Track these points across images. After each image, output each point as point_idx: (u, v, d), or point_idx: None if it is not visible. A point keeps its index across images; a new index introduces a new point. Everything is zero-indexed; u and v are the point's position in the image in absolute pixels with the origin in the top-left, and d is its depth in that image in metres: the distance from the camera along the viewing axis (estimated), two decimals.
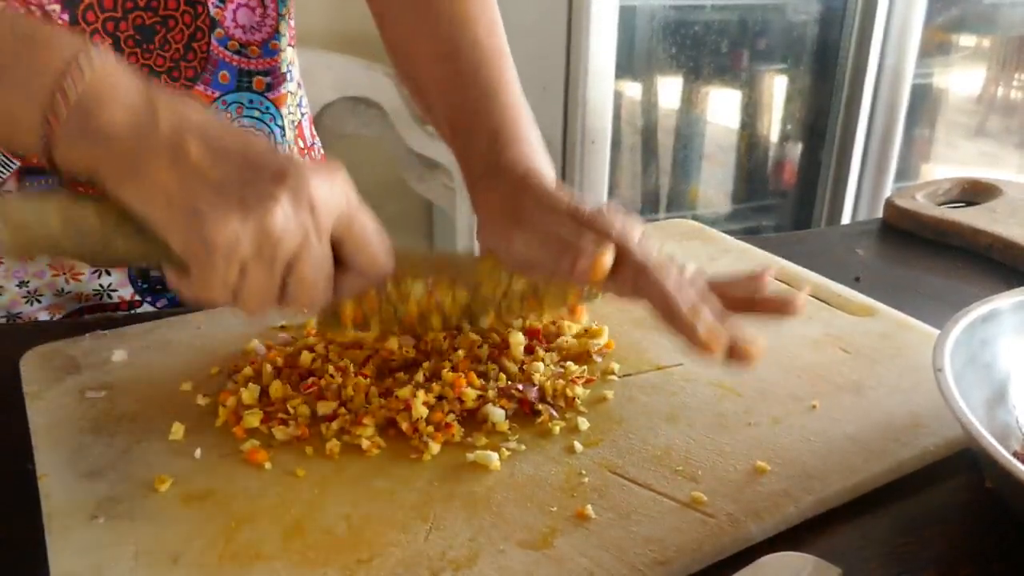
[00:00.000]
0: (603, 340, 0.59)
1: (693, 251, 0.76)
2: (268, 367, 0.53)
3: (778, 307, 0.50)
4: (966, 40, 2.30)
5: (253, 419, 0.49)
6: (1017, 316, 0.52)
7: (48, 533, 0.41)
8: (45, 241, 0.42)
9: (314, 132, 0.77)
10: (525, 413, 0.51)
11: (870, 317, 0.64)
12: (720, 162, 2.15)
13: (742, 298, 0.50)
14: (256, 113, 0.66)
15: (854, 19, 2.03)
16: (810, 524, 0.45)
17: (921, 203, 0.89)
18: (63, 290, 0.64)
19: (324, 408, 0.50)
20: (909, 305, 0.66)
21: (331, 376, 0.52)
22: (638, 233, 0.49)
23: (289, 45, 0.69)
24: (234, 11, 0.62)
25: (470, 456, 0.47)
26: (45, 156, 0.42)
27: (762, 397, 0.54)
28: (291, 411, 0.50)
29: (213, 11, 0.61)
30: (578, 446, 0.48)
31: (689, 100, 2.04)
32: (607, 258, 0.46)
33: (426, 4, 0.60)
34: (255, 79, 0.65)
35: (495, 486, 0.45)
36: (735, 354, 0.46)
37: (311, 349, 0.56)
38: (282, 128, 0.69)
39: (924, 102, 2.24)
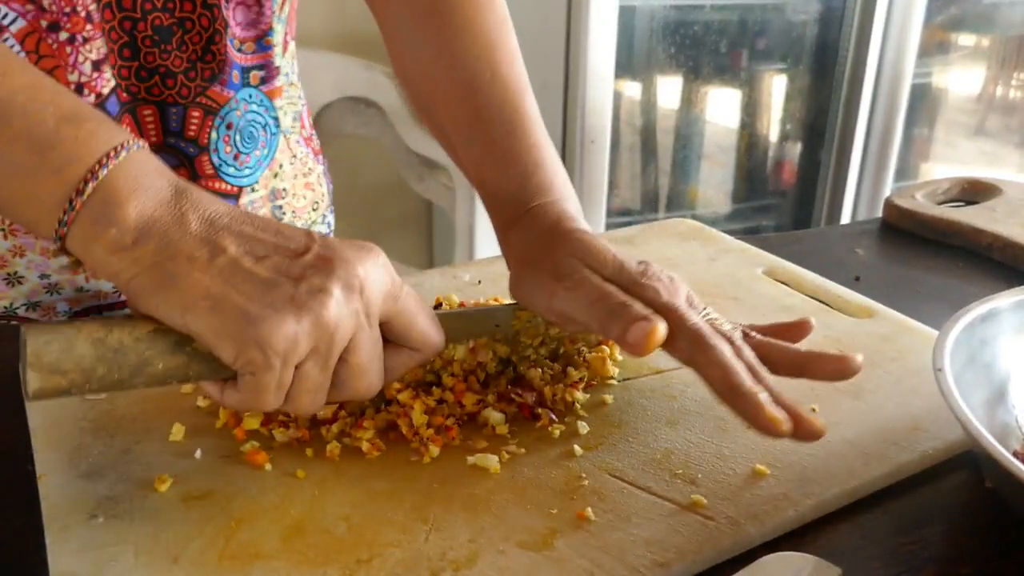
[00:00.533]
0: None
1: (692, 251, 0.76)
2: None
3: (832, 371, 0.47)
4: (965, 39, 2.30)
5: (253, 421, 0.49)
6: (1017, 315, 0.52)
7: (47, 533, 0.41)
8: (78, 376, 0.38)
9: (311, 123, 0.78)
10: (525, 417, 0.51)
11: (869, 319, 0.64)
12: (719, 162, 2.15)
13: (791, 361, 0.48)
14: (254, 107, 0.66)
15: (853, 19, 2.03)
16: (810, 524, 0.45)
17: (921, 202, 0.89)
18: (82, 288, 0.64)
19: (324, 411, 0.50)
20: (909, 304, 0.67)
21: None
22: (684, 295, 0.48)
23: (289, 39, 0.70)
24: (233, 9, 0.62)
25: (470, 459, 0.47)
26: (59, 244, 0.40)
27: None
28: (291, 413, 0.50)
29: (225, 13, 0.61)
30: (578, 449, 0.48)
31: (688, 100, 2.04)
32: (661, 329, 0.44)
33: (440, 36, 0.59)
34: (251, 74, 0.65)
35: (495, 488, 0.45)
36: (801, 431, 0.44)
37: None
38: (276, 119, 0.69)
39: (923, 101, 2.24)
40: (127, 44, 0.58)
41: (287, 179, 0.72)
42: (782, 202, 2.25)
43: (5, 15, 0.54)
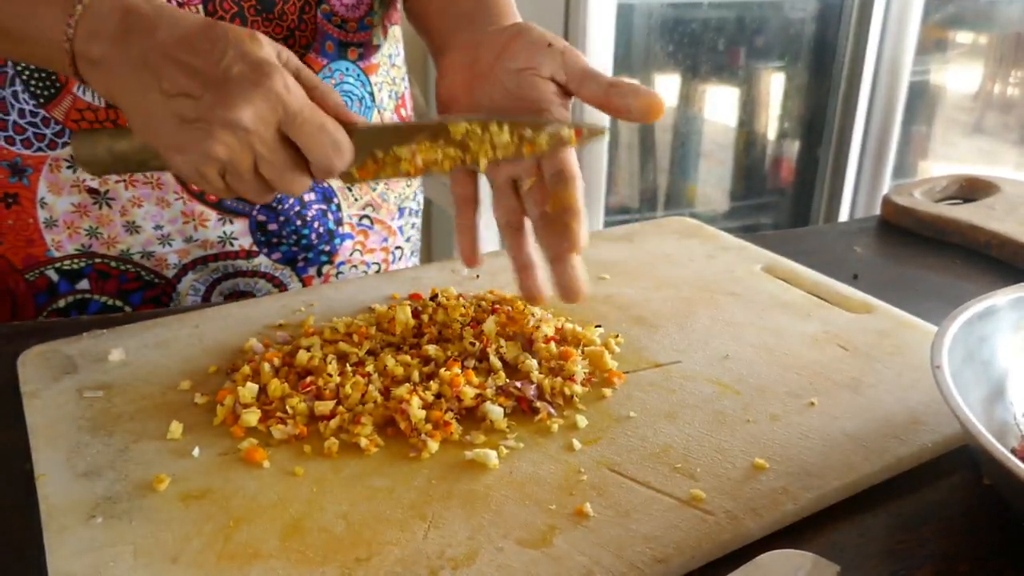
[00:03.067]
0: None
1: (691, 249, 0.76)
2: (266, 366, 0.53)
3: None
4: (963, 37, 2.30)
5: (251, 418, 0.49)
6: (1015, 313, 0.52)
7: (46, 533, 0.41)
8: (106, 152, 0.52)
9: (411, 107, 0.85)
10: (523, 411, 0.51)
11: (868, 314, 0.64)
12: (718, 160, 2.15)
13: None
14: (351, 79, 0.74)
15: (851, 16, 2.03)
16: (809, 521, 0.45)
17: (919, 200, 0.89)
18: (191, 237, 0.71)
19: (322, 407, 0.50)
20: (907, 302, 0.67)
21: (329, 375, 0.52)
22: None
23: (389, 24, 0.77)
24: None
25: (468, 454, 0.47)
26: (72, 71, 0.50)
27: (761, 394, 0.54)
28: (289, 410, 0.50)
29: None
30: (577, 444, 0.48)
31: (687, 98, 2.04)
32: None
33: None
34: (350, 49, 0.73)
35: (494, 484, 0.45)
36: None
37: (309, 348, 0.56)
38: (371, 94, 0.76)
39: (921, 99, 2.24)
40: (237, 14, 0.66)
41: None
42: (780, 200, 2.25)
43: None
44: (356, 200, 0.78)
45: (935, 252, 0.83)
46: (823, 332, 0.62)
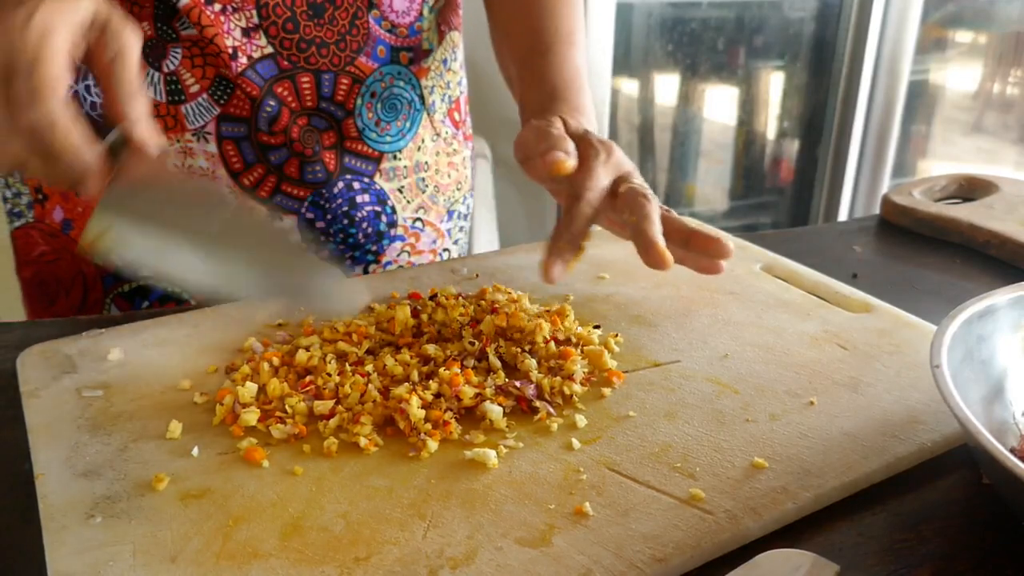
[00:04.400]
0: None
1: None
2: (266, 365, 0.53)
3: (709, 249, 0.58)
4: (962, 36, 2.30)
5: (251, 417, 0.49)
6: (1014, 312, 0.52)
7: (45, 533, 0.41)
8: None
9: (468, 111, 0.87)
10: (523, 410, 0.51)
11: (868, 313, 0.64)
12: (717, 159, 2.16)
13: (679, 231, 0.59)
14: (401, 82, 0.76)
15: (850, 15, 2.03)
16: (808, 521, 0.45)
17: (918, 199, 0.89)
18: None
19: (321, 407, 0.50)
20: (906, 301, 0.67)
21: (328, 375, 0.52)
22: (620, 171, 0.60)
23: (446, 29, 0.80)
24: None
25: (468, 454, 0.47)
26: None
27: (760, 394, 0.54)
28: (289, 409, 0.50)
29: None
30: (576, 443, 0.48)
31: (686, 97, 2.04)
32: (567, 165, 0.57)
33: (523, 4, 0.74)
34: (401, 54, 0.75)
35: (493, 483, 0.45)
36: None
37: (309, 348, 0.56)
38: (420, 97, 0.79)
39: (921, 98, 2.25)
40: (289, 19, 0.69)
41: (429, 154, 0.81)
42: (779, 199, 2.25)
43: None
44: (409, 203, 0.80)
45: (934, 251, 0.83)
46: (822, 331, 0.62)
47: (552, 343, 0.57)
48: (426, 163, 0.81)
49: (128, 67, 0.47)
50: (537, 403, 0.51)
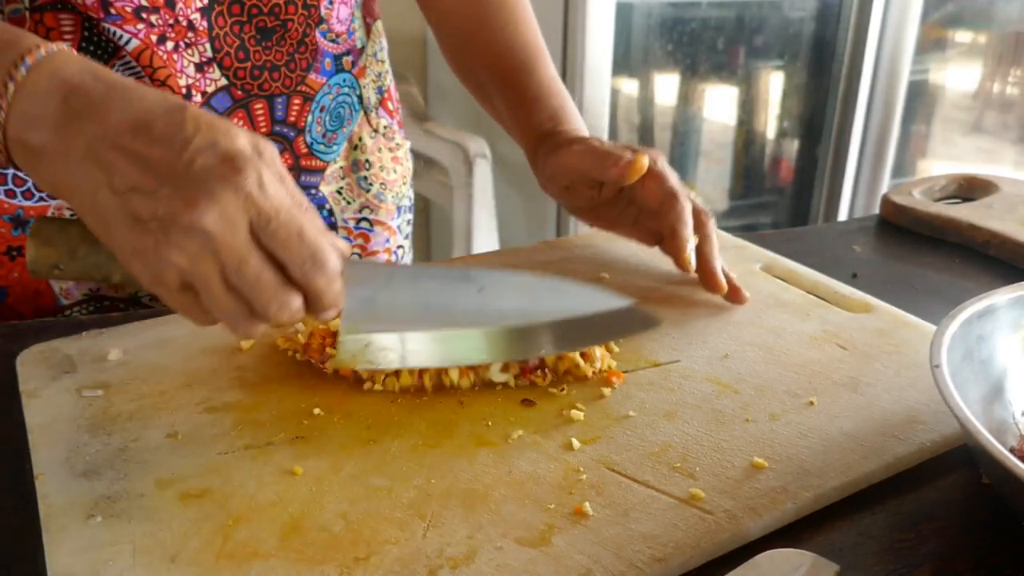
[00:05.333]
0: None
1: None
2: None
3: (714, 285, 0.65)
4: (962, 36, 2.30)
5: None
6: (1014, 312, 0.52)
7: (45, 533, 0.41)
8: (65, 256, 0.45)
9: (398, 98, 0.86)
10: (524, 377, 0.53)
11: (867, 313, 0.64)
12: (717, 159, 2.15)
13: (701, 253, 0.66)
14: (345, 88, 0.75)
15: (850, 15, 2.03)
16: (807, 521, 0.45)
17: (918, 199, 0.89)
18: None
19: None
20: (906, 301, 0.67)
21: None
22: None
23: (370, 20, 0.78)
24: (338, 9, 0.71)
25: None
26: (5, 159, 0.43)
27: (759, 394, 0.54)
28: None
29: (324, 12, 0.70)
30: (576, 443, 0.48)
31: (686, 97, 2.04)
32: (644, 160, 0.62)
33: (480, 19, 0.77)
34: (343, 60, 0.74)
35: (493, 483, 0.45)
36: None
37: None
38: (360, 97, 0.78)
39: (920, 98, 2.24)
40: (240, 47, 0.66)
41: (370, 152, 0.80)
42: (779, 199, 2.25)
43: (121, 37, 0.61)
44: (349, 203, 0.78)
45: (934, 251, 0.83)
46: (822, 331, 0.62)
47: None
48: (367, 161, 0.79)
49: (292, 184, 0.43)
50: (537, 373, 0.53)
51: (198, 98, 0.66)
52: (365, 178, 0.79)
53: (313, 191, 0.76)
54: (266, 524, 0.42)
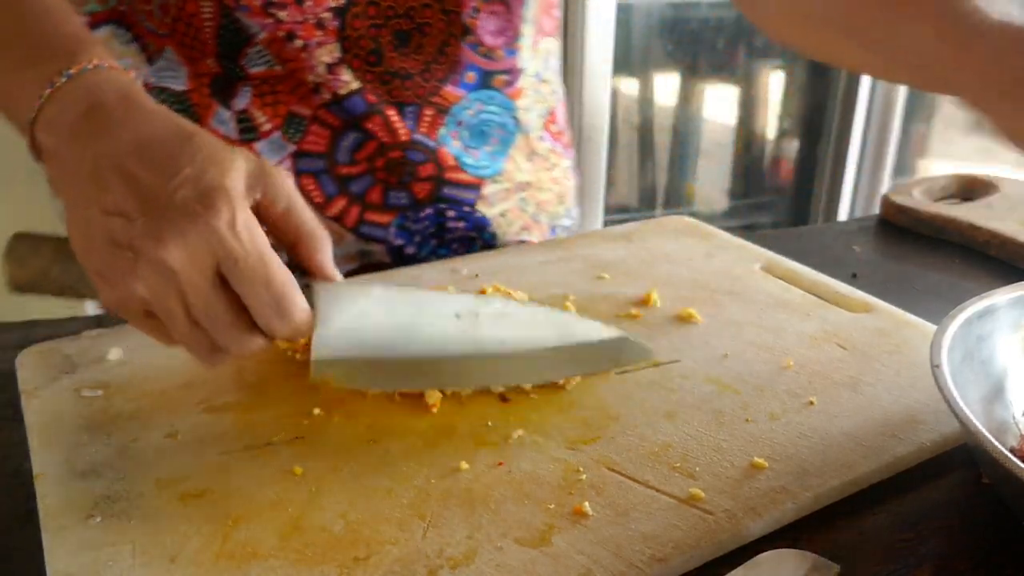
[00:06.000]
0: None
1: (690, 248, 0.76)
2: None
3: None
4: None
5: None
6: (1014, 312, 0.52)
7: (45, 533, 0.41)
8: (40, 274, 0.46)
9: (565, 118, 0.83)
10: None
11: (867, 313, 0.64)
12: (717, 159, 2.16)
13: None
14: (494, 108, 0.73)
15: None
16: (808, 521, 0.45)
17: (918, 199, 0.89)
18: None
19: None
20: (906, 301, 0.67)
21: None
22: None
23: (540, 36, 0.75)
24: (485, 19, 0.68)
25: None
26: (36, 157, 0.45)
27: (759, 393, 0.54)
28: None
29: (467, 20, 0.67)
30: (576, 443, 0.48)
31: (686, 97, 2.04)
32: None
33: None
34: (496, 78, 0.72)
35: (493, 483, 0.45)
36: None
37: None
38: (515, 119, 0.75)
39: (921, 97, 2.24)
40: (373, 50, 0.65)
41: (527, 173, 0.78)
42: (779, 199, 2.25)
43: (251, 27, 0.63)
44: (511, 225, 0.78)
45: (934, 251, 0.83)
46: (822, 331, 0.62)
47: None
48: (528, 183, 0.78)
49: (304, 212, 0.44)
50: None
51: (328, 96, 0.66)
52: (523, 198, 0.78)
53: (467, 208, 0.74)
54: (266, 524, 0.42)
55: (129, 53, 0.64)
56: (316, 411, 0.51)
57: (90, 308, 1.21)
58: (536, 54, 0.75)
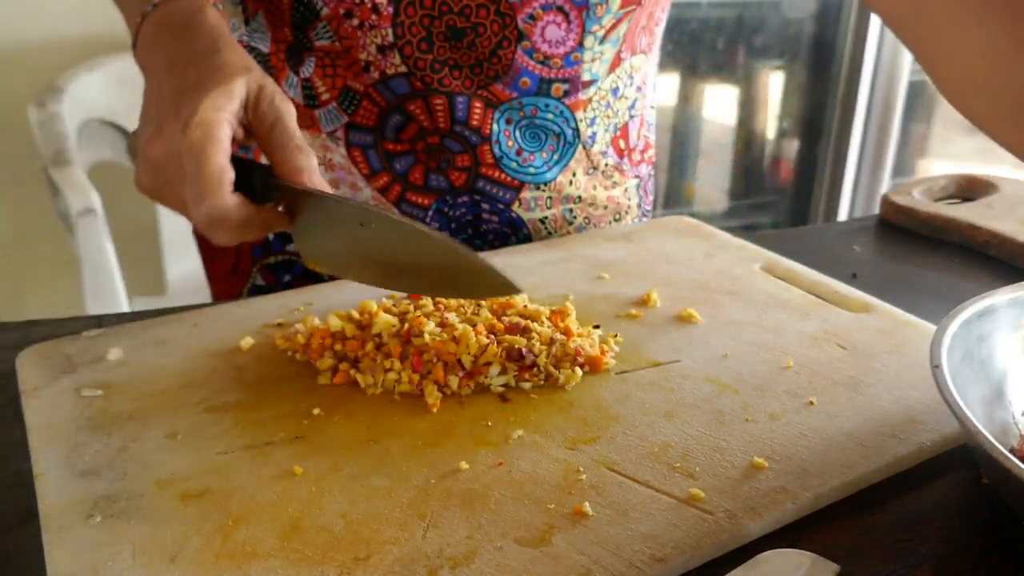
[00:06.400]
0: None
1: (690, 248, 0.76)
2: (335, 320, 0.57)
3: None
4: None
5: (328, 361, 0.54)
6: (1014, 312, 0.52)
7: (45, 533, 0.41)
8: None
9: (645, 134, 0.85)
10: (515, 361, 0.54)
11: (867, 313, 0.64)
12: (717, 159, 2.16)
13: None
14: (550, 115, 0.74)
15: (850, 15, 2.03)
16: (808, 520, 0.45)
17: (918, 199, 0.89)
18: None
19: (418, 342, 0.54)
20: (906, 301, 0.67)
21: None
22: None
23: (636, 53, 0.77)
24: (543, 27, 0.69)
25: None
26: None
27: (759, 393, 0.54)
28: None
29: (522, 25, 0.68)
30: (576, 443, 0.48)
31: (686, 97, 2.04)
32: None
33: None
34: (554, 86, 0.72)
35: (493, 483, 0.45)
36: None
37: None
38: (575, 130, 0.75)
39: (920, 98, 2.25)
40: (424, 39, 0.67)
41: (583, 188, 0.79)
42: (779, 199, 2.25)
43: (318, 3, 0.67)
44: (551, 233, 0.79)
45: (934, 251, 0.83)
46: (822, 331, 0.62)
47: (551, 326, 0.58)
48: (578, 197, 0.78)
49: (289, 128, 0.51)
50: (524, 352, 0.53)
51: (376, 75, 0.69)
52: (571, 210, 0.79)
53: (501, 206, 0.75)
54: (266, 524, 0.42)
55: (236, 13, 0.72)
56: (316, 411, 0.51)
57: (90, 308, 1.21)
58: (617, 69, 0.76)
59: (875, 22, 2.00)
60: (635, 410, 0.52)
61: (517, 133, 0.73)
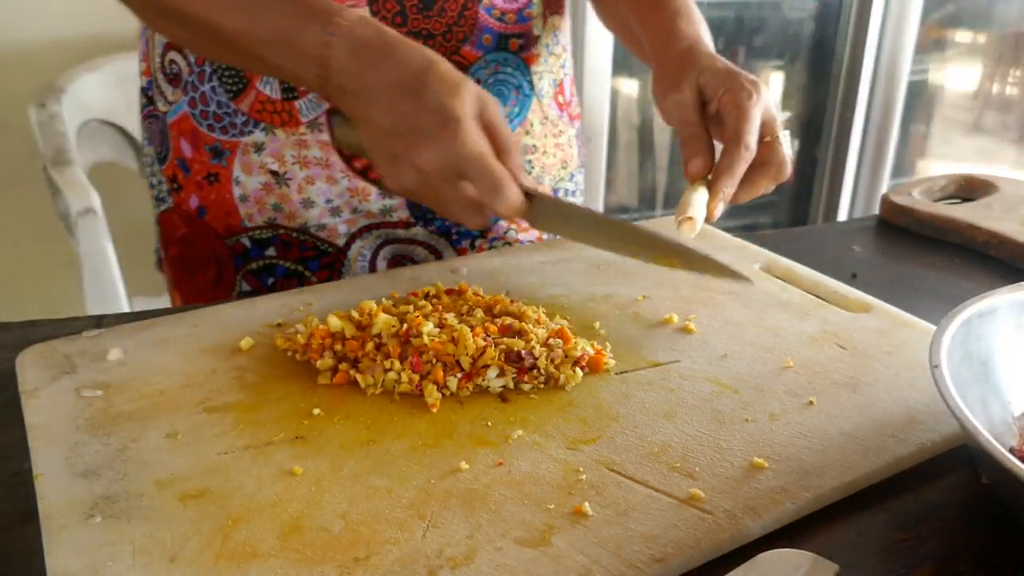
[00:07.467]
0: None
1: None
2: (334, 319, 0.57)
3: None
4: (962, 36, 2.30)
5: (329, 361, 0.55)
6: (1014, 312, 0.52)
7: (45, 533, 0.41)
8: (356, 141, 0.63)
9: (574, 91, 0.89)
10: (513, 363, 0.53)
11: (867, 313, 0.64)
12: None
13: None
14: (509, 69, 0.78)
15: (850, 15, 2.03)
16: (807, 521, 0.45)
17: (917, 199, 0.89)
18: (356, 208, 0.78)
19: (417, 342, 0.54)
20: (906, 301, 0.67)
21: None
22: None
23: (554, 12, 0.81)
24: None
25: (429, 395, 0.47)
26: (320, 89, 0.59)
27: (759, 393, 0.54)
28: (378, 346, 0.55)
29: None
30: (576, 443, 0.48)
31: None
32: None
33: None
34: (510, 41, 0.77)
35: (493, 483, 0.45)
36: None
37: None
38: (530, 82, 0.81)
39: (920, 98, 2.24)
40: (399, 12, 0.71)
41: (537, 137, 0.83)
42: (779, 199, 2.25)
43: None
44: None
45: (934, 251, 0.83)
46: (822, 331, 0.62)
47: (546, 328, 0.57)
48: (534, 146, 0.83)
49: (497, 127, 0.57)
50: (523, 354, 0.53)
51: None
52: (529, 161, 0.83)
53: None
54: (266, 524, 0.42)
55: None
56: (316, 411, 0.51)
57: (90, 308, 1.21)
58: (545, 26, 0.80)
59: (875, 22, 2.00)
60: (635, 410, 0.52)
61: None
